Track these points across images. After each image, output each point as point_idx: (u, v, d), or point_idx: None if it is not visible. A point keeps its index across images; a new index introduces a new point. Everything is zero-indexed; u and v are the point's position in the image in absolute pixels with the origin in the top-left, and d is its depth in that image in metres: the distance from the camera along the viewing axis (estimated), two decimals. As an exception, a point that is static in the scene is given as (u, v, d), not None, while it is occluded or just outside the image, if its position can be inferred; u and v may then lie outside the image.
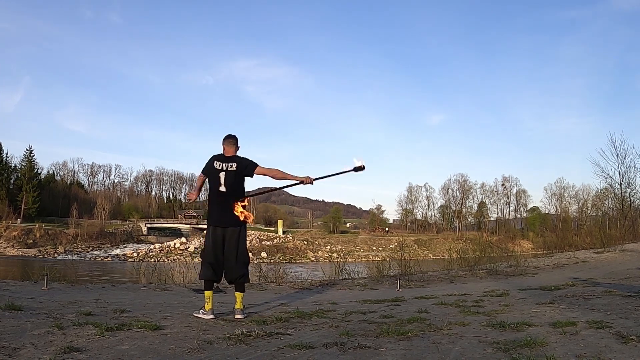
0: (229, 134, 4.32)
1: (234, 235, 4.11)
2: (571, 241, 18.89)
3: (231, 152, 4.25)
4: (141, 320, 3.60)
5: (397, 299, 5.39)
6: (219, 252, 4.05)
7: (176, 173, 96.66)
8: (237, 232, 4.13)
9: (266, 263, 18.51)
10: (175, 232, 72.69)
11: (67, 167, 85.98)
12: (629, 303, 4.25)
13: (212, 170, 4.16)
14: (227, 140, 4.27)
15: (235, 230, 4.12)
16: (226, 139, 4.29)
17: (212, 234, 4.09)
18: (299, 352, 2.71)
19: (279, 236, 69.30)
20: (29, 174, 67.26)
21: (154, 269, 9.19)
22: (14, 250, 52.59)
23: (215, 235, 4.07)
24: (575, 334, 2.99)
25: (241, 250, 4.13)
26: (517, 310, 4.16)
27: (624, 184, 21.95)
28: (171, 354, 2.66)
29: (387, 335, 3.12)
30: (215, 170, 4.14)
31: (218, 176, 4.12)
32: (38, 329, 3.16)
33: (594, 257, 11.09)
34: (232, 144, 4.26)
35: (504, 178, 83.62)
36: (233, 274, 4.08)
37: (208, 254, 4.07)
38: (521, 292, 5.64)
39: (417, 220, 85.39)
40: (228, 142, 4.26)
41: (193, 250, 56.73)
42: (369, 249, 65.17)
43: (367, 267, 11.22)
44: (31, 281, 7.18)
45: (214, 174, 4.14)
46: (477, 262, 11.55)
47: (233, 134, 4.32)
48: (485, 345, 2.77)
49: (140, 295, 5.88)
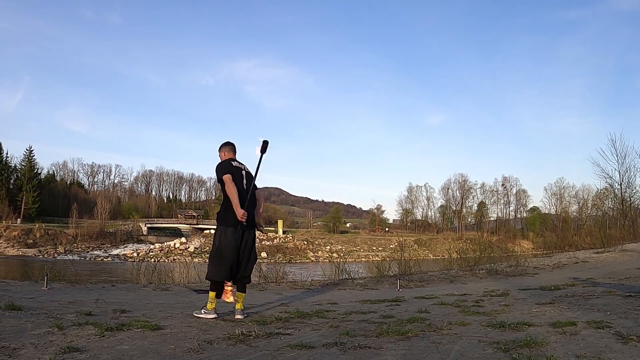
0: (231, 143, 4.40)
1: (251, 237, 4.15)
2: (571, 241, 18.90)
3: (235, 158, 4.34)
4: (141, 320, 3.60)
5: (397, 299, 5.39)
6: (237, 253, 4.03)
7: (176, 173, 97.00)
8: (253, 233, 4.19)
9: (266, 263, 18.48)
10: (175, 232, 72.66)
11: (67, 167, 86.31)
12: (629, 303, 4.25)
13: (234, 170, 4.14)
14: (232, 147, 4.37)
15: (252, 232, 4.17)
16: (231, 145, 4.37)
17: (233, 235, 4.01)
18: (299, 352, 2.71)
19: (279, 236, 69.26)
20: (29, 174, 67.27)
21: (154, 269, 9.18)
22: (14, 250, 52.57)
23: (236, 237, 4.02)
24: (575, 334, 2.99)
25: (254, 252, 4.19)
26: (517, 310, 4.16)
27: (624, 184, 21.96)
28: (171, 354, 2.66)
29: (387, 335, 3.12)
30: (237, 168, 4.16)
31: (241, 174, 4.16)
32: (38, 329, 3.16)
33: (594, 257, 11.09)
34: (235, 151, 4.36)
35: (504, 178, 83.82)
36: (241, 275, 4.07)
37: (227, 254, 3.98)
38: (521, 292, 5.64)
39: (417, 220, 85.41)
40: (233, 149, 4.36)
41: (193, 250, 56.72)
42: (369, 249, 65.15)
43: (367, 267, 11.23)
44: (31, 281, 7.18)
45: (237, 172, 4.14)
46: (477, 262, 11.55)
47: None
48: (485, 345, 2.77)
49: (140, 295, 5.88)
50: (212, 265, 4.04)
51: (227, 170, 4.12)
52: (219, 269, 3.99)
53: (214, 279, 4.02)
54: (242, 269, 4.08)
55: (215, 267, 4.01)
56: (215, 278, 4.02)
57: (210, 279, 4.05)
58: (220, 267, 3.99)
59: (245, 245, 4.08)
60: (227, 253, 3.99)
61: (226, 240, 4.02)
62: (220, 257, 4.00)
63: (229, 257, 3.98)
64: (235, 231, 4.03)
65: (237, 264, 4.04)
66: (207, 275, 4.08)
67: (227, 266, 3.96)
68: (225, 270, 3.97)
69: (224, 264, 3.97)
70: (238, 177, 4.12)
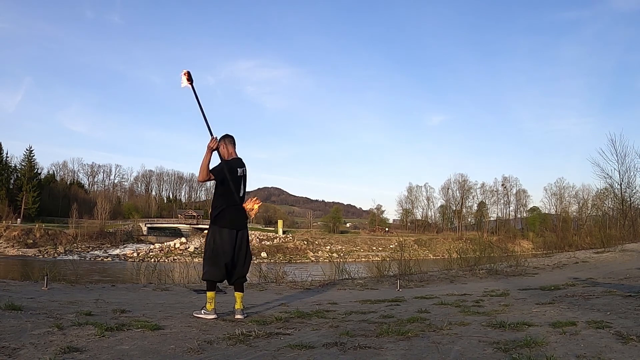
0: (231, 135, 4.31)
1: (245, 237, 4.16)
2: (571, 241, 18.90)
3: (236, 153, 4.27)
4: (141, 320, 3.60)
5: (397, 299, 5.39)
6: (233, 253, 4.04)
7: (176, 173, 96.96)
8: (247, 233, 4.19)
9: (266, 263, 18.50)
10: (175, 232, 72.65)
11: (67, 167, 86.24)
12: (629, 303, 4.25)
13: (234, 176, 4.11)
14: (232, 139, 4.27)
15: (246, 232, 4.19)
16: (230, 138, 4.27)
17: (228, 236, 4.03)
18: (299, 352, 2.71)
19: (279, 236, 69.27)
20: (29, 174, 67.25)
21: (154, 269, 9.19)
22: (14, 250, 52.56)
23: (231, 237, 4.04)
24: (575, 334, 2.99)
25: (249, 252, 4.20)
26: (517, 310, 4.16)
27: (623, 184, 21.96)
28: (171, 354, 2.66)
29: (387, 335, 3.12)
30: (239, 178, 4.15)
31: (240, 182, 4.15)
32: (38, 329, 3.16)
33: (594, 257, 11.09)
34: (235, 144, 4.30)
35: (504, 178, 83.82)
36: (238, 275, 4.08)
37: (222, 255, 4.00)
38: (521, 292, 5.64)
39: (417, 220, 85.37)
40: (233, 142, 4.27)
41: (193, 250, 56.70)
42: (369, 249, 65.14)
43: (367, 267, 11.22)
44: (31, 281, 7.18)
45: (237, 180, 4.12)
46: (477, 262, 11.55)
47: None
48: (485, 345, 2.77)
49: (140, 295, 5.88)
50: (207, 266, 4.04)
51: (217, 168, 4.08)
52: (215, 269, 4.00)
53: (211, 279, 4.03)
54: (239, 269, 4.08)
55: (211, 268, 4.01)
56: (212, 279, 4.03)
57: (207, 279, 4.06)
58: (216, 267, 4.00)
59: (240, 245, 4.08)
60: (221, 252, 4.00)
61: (221, 241, 4.03)
62: (216, 258, 4.01)
63: (224, 256, 3.99)
64: (230, 232, 4.04)
65: (233, 264, 4.04)
66: (204, 276, 4.09)
67: (222, 266, 3.98)
68: (217, 269, 3.99)
69: (220, 264, 3.99)
70: (236, 184, 4.08)
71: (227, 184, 4.05)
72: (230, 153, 4.22)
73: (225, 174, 4.04)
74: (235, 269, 4.07)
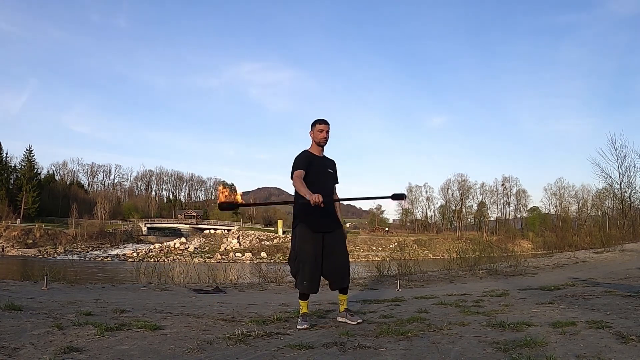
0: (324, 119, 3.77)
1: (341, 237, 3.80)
2: (571, 241, 18.88)
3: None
4: (141, 320, 3.60)
5: (397, 299, 5.39)
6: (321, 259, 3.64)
7: (176, 173, 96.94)
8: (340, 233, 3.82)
9: (266, 263, 18.49)
10: (175, 232, 72.63)
11: (67, 167, 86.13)
12: (629, 303, 4.24)
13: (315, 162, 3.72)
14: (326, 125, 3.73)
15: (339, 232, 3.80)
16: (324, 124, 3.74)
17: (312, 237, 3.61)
18: (299, 352, 2.71)
19: (278, 236, 69.27)
20: (28, 174, 67.20)
21: (153, 269, 9.18)
22: (14, 250, 52.55)
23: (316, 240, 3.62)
24: (575, 334, 2.99)
25: (345, 253, 3.86)
26: (517, 310, 4.16)
27: (623, 184, 21.92)
28: (171, 354, 2.66)
29: (387, 335, 3.12)
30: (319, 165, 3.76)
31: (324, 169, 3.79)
32: (38, 329, 3.16)
33: (593, 257, 11.09)
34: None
35: (504, 178, 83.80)
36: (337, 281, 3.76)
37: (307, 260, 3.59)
38: (521, 292, 5.64)
39: (417, 220, 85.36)
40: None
41: (193, 250, 56.71)
42: (369, 249, 65.15)
43: (367, 267, 11.23)
44: (31, 281, 7.18)
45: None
46: (477, 262, 11.56)
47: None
48: (485, 345, 2.77)
49: (140, 295, 5.88)
50: (295, 273, 3.69)
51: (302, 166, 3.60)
52: (300, 278, 3.61)
53: (298, 289, 3.67)
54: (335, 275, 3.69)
55: (298, 276, 3.65)
56: (299, 289, 3.65)
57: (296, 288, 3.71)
58: (302, 275, 3.60)
59: (333, 247, 3.67)
60: (306, 258, 3.58)
61: (305, 244, 3.60)
62: (302, 263, 3.60)
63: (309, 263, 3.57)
64: (314, 233, 3.61)
65: (329, 270, 3.64)
66: (295, 284, 3.74)
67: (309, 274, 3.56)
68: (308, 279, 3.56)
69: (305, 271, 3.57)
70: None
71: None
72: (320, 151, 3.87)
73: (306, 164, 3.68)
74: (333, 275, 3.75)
